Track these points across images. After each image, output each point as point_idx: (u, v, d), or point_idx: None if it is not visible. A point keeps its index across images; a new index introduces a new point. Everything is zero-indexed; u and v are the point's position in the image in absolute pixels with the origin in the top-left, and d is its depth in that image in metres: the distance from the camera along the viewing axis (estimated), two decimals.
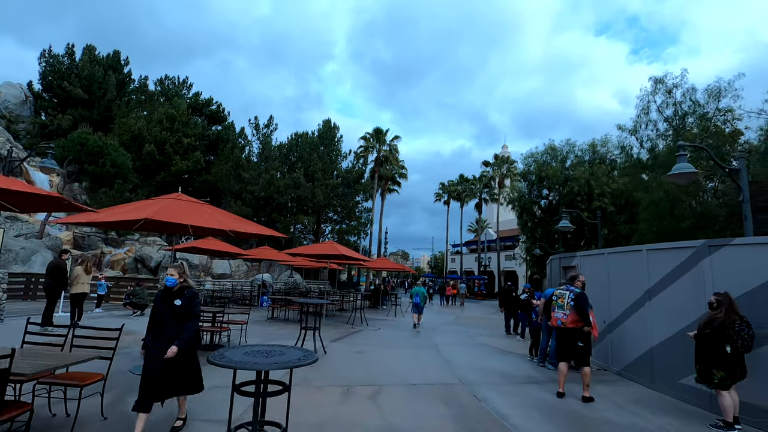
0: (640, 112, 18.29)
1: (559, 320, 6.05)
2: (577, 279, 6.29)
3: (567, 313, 5.96)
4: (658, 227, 15.86)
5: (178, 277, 4.03)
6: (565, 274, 10.92)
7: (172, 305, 3.90)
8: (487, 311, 25.56)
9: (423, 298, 13.83)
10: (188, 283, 4.10)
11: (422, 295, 13.88)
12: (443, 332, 13.01)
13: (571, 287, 6.18)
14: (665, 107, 17.00)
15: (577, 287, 6.18)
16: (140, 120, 31.62)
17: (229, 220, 6.95)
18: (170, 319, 3.87)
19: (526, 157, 29.81)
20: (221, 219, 6.76)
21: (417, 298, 13.73)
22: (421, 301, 13.69)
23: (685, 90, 16.48)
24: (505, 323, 13.42)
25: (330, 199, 31.63)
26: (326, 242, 14.88)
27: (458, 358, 8.72)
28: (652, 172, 17.42)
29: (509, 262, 45.74)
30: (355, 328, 12.51)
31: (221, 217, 6.88)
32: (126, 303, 12.64)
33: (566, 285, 6.35)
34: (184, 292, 3.98)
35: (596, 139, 27.92)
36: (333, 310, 17.48)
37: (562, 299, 6.13)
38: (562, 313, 6.04)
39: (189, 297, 3.97)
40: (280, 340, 9.52)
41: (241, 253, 16.73)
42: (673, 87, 16.67)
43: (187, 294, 3.98)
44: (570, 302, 5.98)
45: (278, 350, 3.48)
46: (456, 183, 50.84)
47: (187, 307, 3.92)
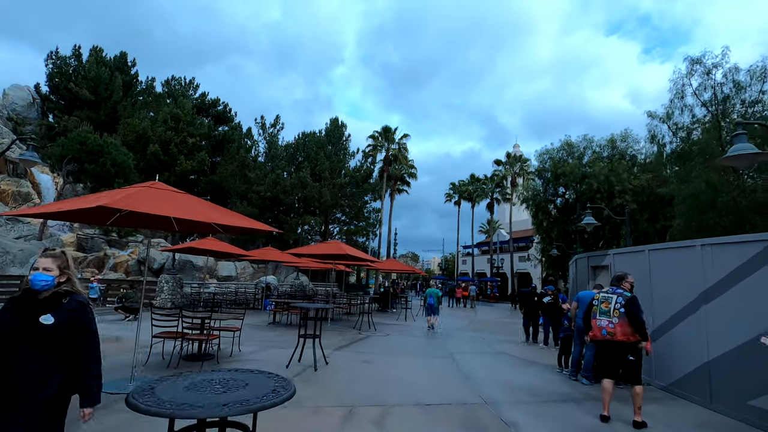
0: (673, 97, 16.82)
1: (604, 329, 5.00)
2: (625, 280, 5.23)
3: (614, 322, 4.92)
4: (699, 222, 14.48)
5: (58, 274, 2.35)
6: (595, 274, 9.85)
7: (36, 325, 2.19)
8: (501, 314, 24.42)
9: (437, 298, 13.43)
10: (73, 286, 2.41)
11: (436, 295, 13.47)
12: (458, 338, 11.99)
13: (618, 289, 5.14)
14: (702, 90, 15.53)
15: (625, 289, 5.14)
16: (145, 120, 31.15)
17: (214, 213, 6.04)
18: (30, 350, 2.16)
19: (541, 154, 28.63)
20: (203, 211, 5.86)
21: (431, 299, 13.35)
22: (435, 302, 13.29)
23: (726, 70, 14.94)
24: (524, 329, 12.22)
25: (337, 198, 30.79)
26: (331, 241, 13.96)
27: (477, 369, 7.70)
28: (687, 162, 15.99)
29: (523, 264, 44.42)
30: (362, 334, 11.56)
31: (204, 209, 5.98)
32: (117, 307, 11.86)
33: (611, 287, 5.30)
34: (62, 302, 2.29)
35: (615, 133, 26.69)
36: (339, 314, 16.56)
37: (607, 304, 5.08)
38: (607, 321, 5.00)
39: (73, 311, 2.30)
40: (279, 348, 8.61)
41: (243, 255, 15.91)
42: (712, 67, 15.15)
43: (70, 305, 2.31)
44: (618, 308, 4.94)
45: (240, 380, 2.47)
46: (467, 183, 49.67)
47: (67, 329, 2.25)
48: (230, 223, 5.96)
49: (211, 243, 14.82)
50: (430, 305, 13.32)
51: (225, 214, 6.33)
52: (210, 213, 5.94)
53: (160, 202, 5.31)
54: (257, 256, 16.56)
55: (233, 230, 6.90)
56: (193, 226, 7.07)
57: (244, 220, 6.39)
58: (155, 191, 5.60)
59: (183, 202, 5.77)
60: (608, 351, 5.01)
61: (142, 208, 4.86)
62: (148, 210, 4.95)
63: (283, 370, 6.73)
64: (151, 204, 5.15)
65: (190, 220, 6.89)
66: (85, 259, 25.61)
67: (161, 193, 5.64)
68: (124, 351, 7.44)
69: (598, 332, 5.07)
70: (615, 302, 4.97)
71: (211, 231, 6.98)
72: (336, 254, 13.17)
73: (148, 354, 6.80)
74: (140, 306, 12.05)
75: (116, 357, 7.03)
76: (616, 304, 4.94)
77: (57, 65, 37.56)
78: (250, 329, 11.44)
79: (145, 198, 5.28)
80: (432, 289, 13.86)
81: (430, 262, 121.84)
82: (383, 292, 22.50)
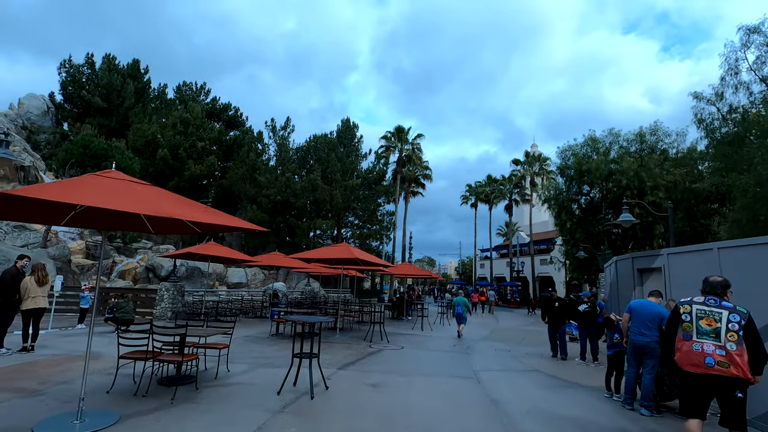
0: (725, 74, 14.97)
1: (709, 357, 3.54)
2: (729, 288, 3.87)
3: (730, 349, 3.48)
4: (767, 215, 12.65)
5: None
6: (642, 278, 8.44)
7: None
8: (524, 321, 22.89)
9: (465, 307, 13.48)
10: None
11: (464, 304, 13.49)
12: (481, 351, 10.66)
13: (725, 302, 3.73)
14: (761, 65, 13.67)
15: (729, 301, 3.77)
16: (153, 125, 30.73)
17: (186, 209, 4.94)
18: None
19: (563, 151, 27.06)
20: (171, 206, 4.76)
21: (459, 307, 13.34)
22: (463, 311, 13.30)
23: None
24: (550, 342, 10.40)
25: (349, 201, 29.70)
26: (339, 245, 12.83)
27: (507, 394, 6.41)
28: (742, 148, 14.12)
29: (545, 267, 42.58)
30: (372, 347, 10.35)
31: (174, 204, 4.88)
32: (107, 318, 10.92)
33: (709, 297, 3.85)
34: None
35: (644, 127, 24.95)
36: (350, 323, 15.40)
37: (710, 322, 3.65)
38: (714, 347, 3.54)
39: None
40: (275, 366, 7.47)
41: (248, 260, 14.94)
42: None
43: None
44: (736, 330, 3.52)
45: None
46: (484, 184, 48.13)
47: None
48: (205, 220, 4.85)
49: (214, 248, 13.87)
50: (459, 314, 13.21)
51: (199, 210, 5.22)
52: (181, 209, 4.85)
53: (111, 193, 4.25)
54: (264, 262, 15.57)
55: (210, 228, 5.81)
56: (170, 227, 6.00)
57: (221, 218, 5.28)
58: (107, 181, 4.54)
59: (144, 195, 4.68)
60: (710, 386, 3.61)
61: (78, 200, 3.79)
62: (94, 203, 3.88)
63: (273, 396, 5.59)
64: (99, 196, 4.09)
65: (163, 219, 5.85)
66: (92, 267, 25.14)
67: (115, 183, 4.58)
68: (98, 371, 6.41)
69: (698, 360, 3.60)
70: (727, 321, 3.56)
71: (188, 231, 5.90)
72: (345, 258, 12.03)
73: (114, 377, 5.72)
74: (132, 317, 11.13)
75: (85, 379, 5.98)
76: (730, 324, 3.53)
77: (70, 73, 37.67)
78: (248, 342, 10.37)
79: (93, 189, 4.22)
80: (460, 298, 13.77)
81: (446, 267, 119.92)
82: (398, 299, 21.24)
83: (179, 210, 4.69)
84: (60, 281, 11.29)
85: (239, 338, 10.95)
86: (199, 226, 5.67)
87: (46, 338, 9.74)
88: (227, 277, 28.75)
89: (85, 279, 24.18)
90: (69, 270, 21.76)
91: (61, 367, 6.80)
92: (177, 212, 4.59)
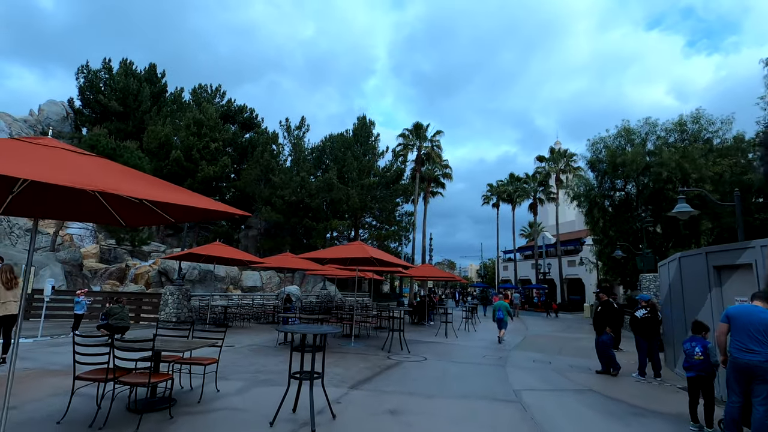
0: None
1: None
2: None
3: None
4: None
5: None
6: (719, 277, 6.90)
7: None
8: (556, 327, 21.19)
9: (506, 312, 13.31)
10: None
11: (504, 309, 13.32)
12: (517, 364, 9.23)
13: None
14: None
15: None
16: (167, 126, 30.27)
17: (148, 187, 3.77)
18: None
19: (594, 143, 25.21)
20: (128, 183, 3.60)
21: (500, 312, 13.17)
22: (504, 316, 13.13)
23: None
24: (598, 355, 8.55)
25: (366, 201, 28.49)
26: (353, 243, 11.60)
27: (563, 425, 5.02)
28: None
29: (573, 269, 40.43)
30: (392, 358, 9.06)
31: (129, 180, 3.71)
32: (100, 326, 9.95)
33: None
34: None
35: (684, 114, 22.93)
36: (368, 329, 14.14)
37: None
38: None
39: None
40: (275, 385, 6.26)
41: (256, 261, 13.89)
42: None
43: None
44: None
45: None
46: (506, 183, 46.29)
47: None
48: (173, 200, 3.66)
49: (219, 249, 12.88)
50: (500, 319, 13.06)
51: (168, 190, 4.06)
52: (142, 187, 3.69)
53: (48, 164, 3.14)
54: (273, 264, 14.50)
55: (186, 215, 4.65)
56: (138, 216, 4.86)
57: (196, 199, 4.09)
58: (37, 149, 3.42)
59: (93, 169, 3.52)
60: None
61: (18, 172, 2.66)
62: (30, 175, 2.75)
63: (263, 428, 4.38)
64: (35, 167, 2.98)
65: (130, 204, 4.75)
66: (106, 271, 24.66)
67: (49, 152, 3.45)
68: (65, 391, 5.33)
69: None
70: None
71: (161, 221, 4.76)
72: (359, 258, 10.81)
73: (69, 401, 4.60)
74: (127, 324, 10.14)
75: (44, 401, 4.90)
76: None
77: (88, 79, 37.80)
78: (253, 352, 9.22)
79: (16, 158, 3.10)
80: (501, 302, 13.54)
81: (467, 270, 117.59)
82: (418, 303, 19.87)
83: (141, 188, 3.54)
84: (50, 285, 10.41)
85: (244, 347, 9.84)
86: (170, 210, 4.53)
87: (30, 348, 8.84)
88: (242, 280, 27.93)
89: (98, 284, 23.73)
90: (79, 274, 21.25)
91: (24, 386, 5.76)
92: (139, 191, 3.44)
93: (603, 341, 8.33)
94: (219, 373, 6.70)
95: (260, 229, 33.22)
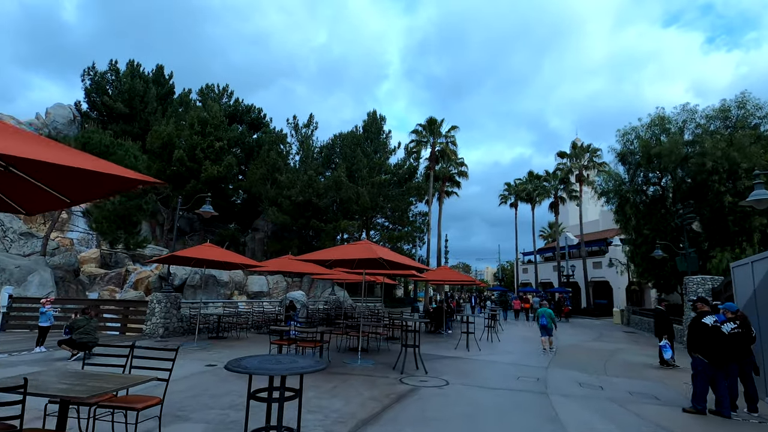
0: None
1: None
2: None
3: None
4: None
5: None
6: None
7: None
8: (585, 335, 19.16)
9: (550, 319, 12.51)
10: None
11: (549, 316, 12.54)
12: (561, 388, 7.43)
13: None
14: None
15: None
16: (170, 125, 29.18)
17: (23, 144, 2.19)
18: None
19: (625, 133, 23.13)
20: None
21: (543, 319, 12.54)
22: (548, 323, 12.41)
23: None
24: (695, 384, 6.21)
25: (377, 200, 26.84)
26: (359, 242, 9.95)
27: None
28: None
29: (597, 271, 38.07)
30: (405, 382, 7.37)
31: None
32: (62, 341, 8.48)
33: None
34: None
35: (728, 99, 20.72)
36: (378, 340, 12.44)
37: None
38: None
39: None
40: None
41: (251, 265, 12.36)
42: None
43: None
44: None
45: None
46: (524, 181, 44.17)
47: None
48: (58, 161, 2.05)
49: (208, 251, 11.37)
50: (543, 325, 12.50)
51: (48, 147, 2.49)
52: None
53: None
54: (271, 267, 12.96)
55: (77, 189, 3.07)
56: (33, 198, 3.31)
57: (78, 159, 2.49)
58: None
59: None
60: None
61: None
62: None
63: None
64: None
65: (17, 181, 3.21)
66: (105, 276, 23.54)
67: None
68: None
69: None
70: None
71: (56, 204, 3.19)
72: (365, 259, 9.17)
73: None
74: (94, 339, 8.65)
75: None
76: None
77: (94, 81, 37.14)
78: (234, 374, 7.59)
79: None
80: (545, 309, 12.95)
81: (483, 273, 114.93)
82: (435, 309, 18.10)
83: None
84: (7, 293, 9.01)
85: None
86: (61, 185, 2.96)
87: None
88: (247, 285, 26.54)
89: (96, 290, 22.58)
90: (73, 280, 20.06)
91: None
92: None
93: (732, 365, 6.24)
94: (180, 409, 5.13)
95: (267, 232, 31.87)
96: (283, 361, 3.28)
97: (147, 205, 18.87)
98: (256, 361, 3.22)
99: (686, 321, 15.28)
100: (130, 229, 17.98)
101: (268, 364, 3.13)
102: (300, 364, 3.22)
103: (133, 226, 18.29)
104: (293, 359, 3.44)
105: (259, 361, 3.26)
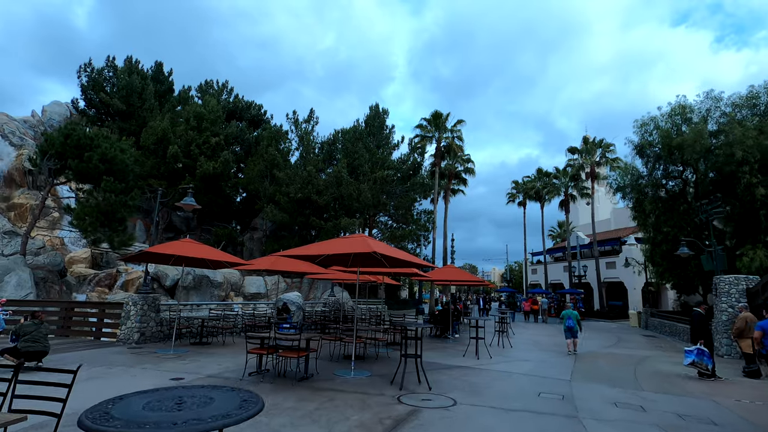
0: None
1: None
2: None
3: None
4: None
5: None
6: None
7: None
8: (602, 340, 17.70)
9: (577, 321, 12.49)
10: None
11: (575, 318, 12.51)
12: (594, 411, 6.11)
13: None
14: None
15: None
16: (165, 121, 28.14)
17: None
18: None
19: (643, 124, 21.67)
20: None
21: (570, 321, 12.46)
22: (574, 325, 12.40)
23: None
24: None
25: (380, 196, 25.58)
26: (354, 236, 8.68)
27: None
28: None
29: (611, 271, 36.50)
30: (404, 401, 6.10)
31: None
32: (4, 350, 7.31)
33: None
34: None
35: (756, 85, 19.21)
36: (377, 345, 11.18)
37: None
38: None
39: None
40: None
41: (235, 263, 11.14)
42: None
43: None
44: None
45: None
46: (533, 179, 42.69)
47: None
48: None
49: (188, 247, 10.20)
50: (569, 327, 12.45)
51: None
52: None
53: None
54: (257, 266, 11.76)
55: None
56: None
57: None
58: None
59: None
60: None
61: None
62: None
63: None
64: None
65: None
66: (95, 277, 22.50)
67: None
68: None
69: None
70: None
71: None
72: (360, 254, 7.93)
73: None
74: (44, 347, 7.47)
75: None
76: None
77: (91, 77, 36.29)
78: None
79: None
80: (570, 311, 12.82)
81: (489, 274, 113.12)
82: (441, 311, 16.78)
83: None
84: None
85: (199, 379, 7.06)
86: None
87: None
88: (243, 286, 25.38)
89: (84, 292, 21.50)
90: (57, 281, 18.96)
91: None
92: None
93: None
94: None
95: (266, 231, 30.73)
96: (187, 404, 2.02)
97: (133, 201, 17.72)
98: (138, 406, 1.96)
99: (717, 324, 13.89)
100: (115, 227, 16.84)
101: (158, 414, 1.87)
102: (211, 411, 1.94)
103: (119, 223, 17.15)
104: (206, 397, 2.17)
105: (147, 404, 2.00)
